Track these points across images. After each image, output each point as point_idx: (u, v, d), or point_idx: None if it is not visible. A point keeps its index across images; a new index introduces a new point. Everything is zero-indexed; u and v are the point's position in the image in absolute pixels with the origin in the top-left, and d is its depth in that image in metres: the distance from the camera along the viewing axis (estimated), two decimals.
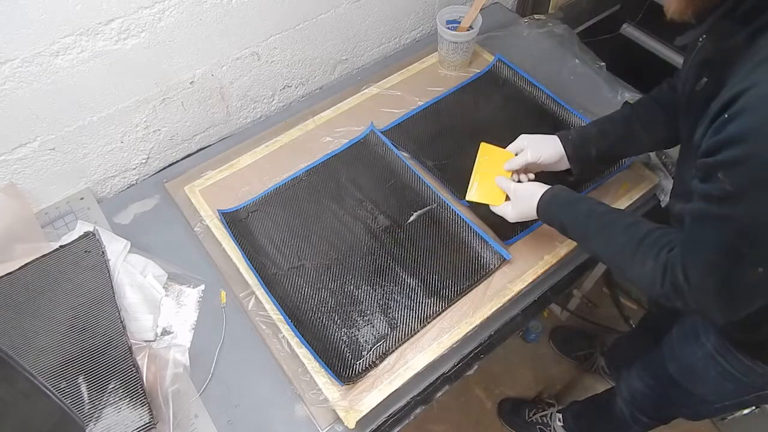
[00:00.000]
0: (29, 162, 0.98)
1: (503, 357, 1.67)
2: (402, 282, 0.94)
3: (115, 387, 0.79)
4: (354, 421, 0.80)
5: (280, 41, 1.16)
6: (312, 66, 1.28)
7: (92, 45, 0.90)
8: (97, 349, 0.83)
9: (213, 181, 1.09)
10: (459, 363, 0.88)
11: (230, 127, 1.24)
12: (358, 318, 0.90)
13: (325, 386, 0.83)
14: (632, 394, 1.10)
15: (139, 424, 0.76)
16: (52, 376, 0.80)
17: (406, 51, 1.40)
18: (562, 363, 1.67)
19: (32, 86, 0.89)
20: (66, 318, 0.86)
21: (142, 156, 1.13)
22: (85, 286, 0.90)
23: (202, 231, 1.02)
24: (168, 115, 1.11)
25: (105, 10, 0.88)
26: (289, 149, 1.15)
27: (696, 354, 0.85)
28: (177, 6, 0.96)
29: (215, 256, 0.98)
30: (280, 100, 1.29)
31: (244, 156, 1.13)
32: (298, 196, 1.07)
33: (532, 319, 0.99)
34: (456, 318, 0.90)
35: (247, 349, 0.88)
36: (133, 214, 1.06)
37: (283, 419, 0.82)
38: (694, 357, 0.86)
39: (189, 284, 0.95)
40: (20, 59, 0.85)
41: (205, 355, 0.87)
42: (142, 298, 0.91)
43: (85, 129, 1.01)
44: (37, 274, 0.91)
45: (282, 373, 0.85)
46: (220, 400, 0.83)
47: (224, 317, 0.91)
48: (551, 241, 0.98)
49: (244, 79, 1.17)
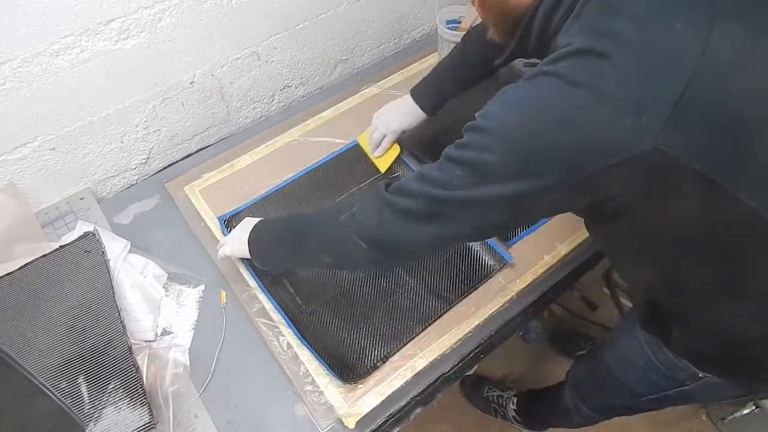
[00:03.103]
0: (29, 162, 0.98)
1: (503, 357, 1.67)
2: (404, 283, 0.94)
3: (115, 387, 0.79)
4: (354, 421, 0.80)
5: (280, 41, 1.16)
6: (312, 66, 1.28)
7: (92, 45, 0.90)
8: (97, 349, 0.83)
9: (213, 181, 1.09)
10: (459, 363, 0.88)
11: (230, 127, 1.24)
12: (360, 319, 0.90)
13: (325, 387, 0.83)
14: (576, 379, 1.12)
15: (139, 424, 0.76)
16: (52, 376, 0.80)
17: (406, 51, 1.40)
18: (562, 363, 1.67)
19: (32, 86, 0.89)
20: (66, 318, 0.86)
21: (142, 156, 1.13)
22: (85, 286, 0.90)
23: (202, 231, 1.02)
24: (168, 115, 1.11)
25: (105, 10, 0.88)
26: (289, 149, 1.15)
27: (630, 344, 0.87)
28: (177, 6, 0.96)
29: (215, 256, 0.98)
30: (280, 100, 1.29)
31: (244, 156, 1.13)
32: (298, 197, 1.06)
33: (532, 319, 0.99)
34: (456, 318, 0.90)
35: (247, 349, 0.88)
36: (133, 214, 1.06)
37: (283, 419, 0.82)
38: (628, 346, 0.88)
39: (189, 284, 0.95)
40: (20, 59, 0.85)
41: (205, 355, 0.87)
42: (142, 298, 0.91)
43: (85, 129, 1.01)
44: (37, 274, 0.91)
45: (282, 373, 0.85)
46: (220, 400, 0.83)
47: (224, 317, 0.91)
48: (551, 241, 0.98)
49: (244, 79, 1.17)
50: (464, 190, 0.56)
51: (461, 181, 0.57)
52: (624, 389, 0.92)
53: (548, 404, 1.30)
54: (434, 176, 0.59)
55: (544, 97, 0.52)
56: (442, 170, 0.59)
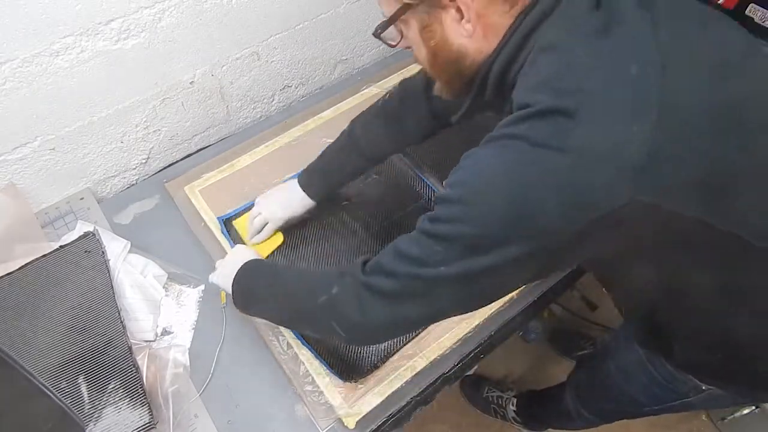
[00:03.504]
0: (29, 162, 0.98)
1: (503, 357, 1.67)
2: None
3: (115, 387, 0.79)
4: (354, 421, 0.80)
5: (280, 41, 1.16)
6: (312, 66, 1.28)
7: (92, 45, 0.90)
8: (97, 349, 0.83)
9: (213, 181, 1.09)
10: (459, 363, 0.88)
11: (230, 127, 1.24)
12: None
13: (325, 387, 0.83)
14: (577, 384, 1.12)
15: (139, 424, 0.76)
16: (52, 376, 0.80)
17: (406, 51, 1.38)
18: (562, 363, 1.67)
19: (32, 86, 0.89)
20: (66, 318, 0.86)
21: (142, 156, 1.13)
22: (85, 286, 0.90)
23: (202, 231, 1.02)
24: (168, 115, 1.11)
25: (105, 10, 0.88)
26: (289, 149, 1.15)
27: (631, 358, 0.86)
28: (177, 6, 0.96)
29: (215, 256, 0.98)
30: (280, 100, 1.29)
31: (244, 156, 1.13)
32: None
33: (532, 319, 0.99)
34: (456, 318, 0.90)
35: (247, 349, 0.88)
36: (133, 214, 1.06)
37: (283, 419, 0.82)
38: (629, 360, 0.87)
39: (189, 284, 0.95)
40: (20, 59, 0.85)
41: (205, 355, 0.87)
42: (142, 298, 0.91)
43: (85, 129, 1.01)
44: (37, 274, 0.91)
45: (282, 373, 0.85)
46: (220, 400, 0.83)
47: (224, 317, 0.91)
48: None
49: (244, 79, 1.17)
50: (447, 266, 0.53)
51: (443, 257, 0.53)
52: (626, 399, 0.92)
53: (549, 406, 1.30)
54: (413, 253, 0.56)
55: (514, 161, 0.50)
56: (420, 246, 0.55)
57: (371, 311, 0.60)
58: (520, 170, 0.50)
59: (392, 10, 0.60)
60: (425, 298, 0.57)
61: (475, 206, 0.52)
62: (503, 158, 0.51)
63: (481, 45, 0.58)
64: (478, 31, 0.57)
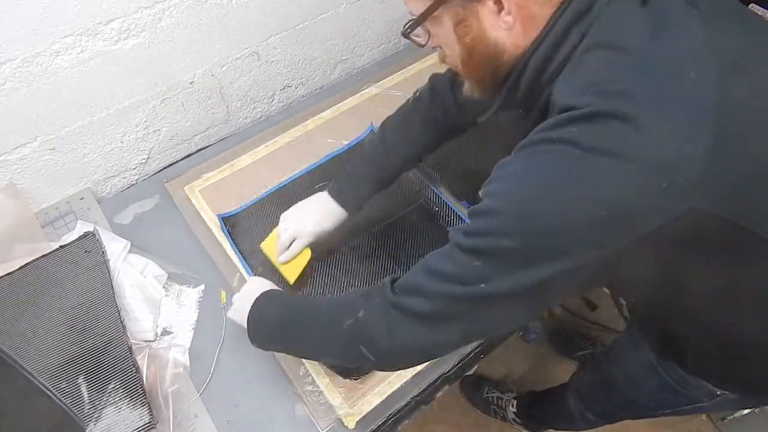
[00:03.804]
0: (29, 162, 0.98)
1: (503, 357, 1.67)
2: None
3: (115, 387, 0.79)
4: (354, 421, 0.80)
5: (280, 41, 1.16)
6: (312, 66, 1.28)
7: (92, 45, 0.90)
8: (97, 349, 0.83)
9: (213, 181, 1.09)
10: (459, 363, 0.88)
11: (230, 127, 1.24)
12: None
13: (325, 387, 0.83)
14: (581, 387, 1.11)
15: (139, 424, 0.76)
16: (52, 376, 0.80)
17: (406, 51, 1.40)
18: (562, 363, 1.67)
19: (32, 86, 0.89)
20: (66, 318, 0.86)
21: (142, 156, 1.13)
22: (85, 286, 0.90)
23: (202, 231, 1.02)
24: (168, 115, 1.11)
25: (105, 10, 0.88)
26: (289, 149, 1.15)
27: (639, 363, 0.85)
28: (177, 6, 0.96)
29: (215, 256, 0.98)
30: (280, 100, 1.29)
31: (244, 156, 1.13)
32: (299, 197, 1.06)
33: None
34: None
35: (247, 349, 0.88)
36: (133, 214, 1.06)
37: (283, 419, 0.82)
38: (637, 366, 0.85)
39: (189, 284, 0.95)
40: (20, 59, 0.85)
41: (205, 355, 0.87)
42: (142, 298, 0.91)
43: (85, 129, 1.01)
44: (37, 274, 0.91)
45: (282, 373, 0.85)
46: (220, 400, 0.83)
47: (224, 317, 0.91)
48: None
49: (244, 79, 1.17)
50: (488, 284, 0.49)
51: (481, 273, 0.50)
52: (633, 404, 0.91)
53: (550, 407, 1.30)
54: (447, 270, 0.52)
55: (561, 167, 0.46)
56: (455, 263, 0.51)
57: (402, 333, 0.56)
58: (568, 177, 0.46)
59: (421, 7, 0.56)
60: (461, 319, 0.53)
61: (517, 217, 0.48)
62: (547, 164, 0.48)
63: (519, 39, 0.55)
64: (518, 23, 0.53)
